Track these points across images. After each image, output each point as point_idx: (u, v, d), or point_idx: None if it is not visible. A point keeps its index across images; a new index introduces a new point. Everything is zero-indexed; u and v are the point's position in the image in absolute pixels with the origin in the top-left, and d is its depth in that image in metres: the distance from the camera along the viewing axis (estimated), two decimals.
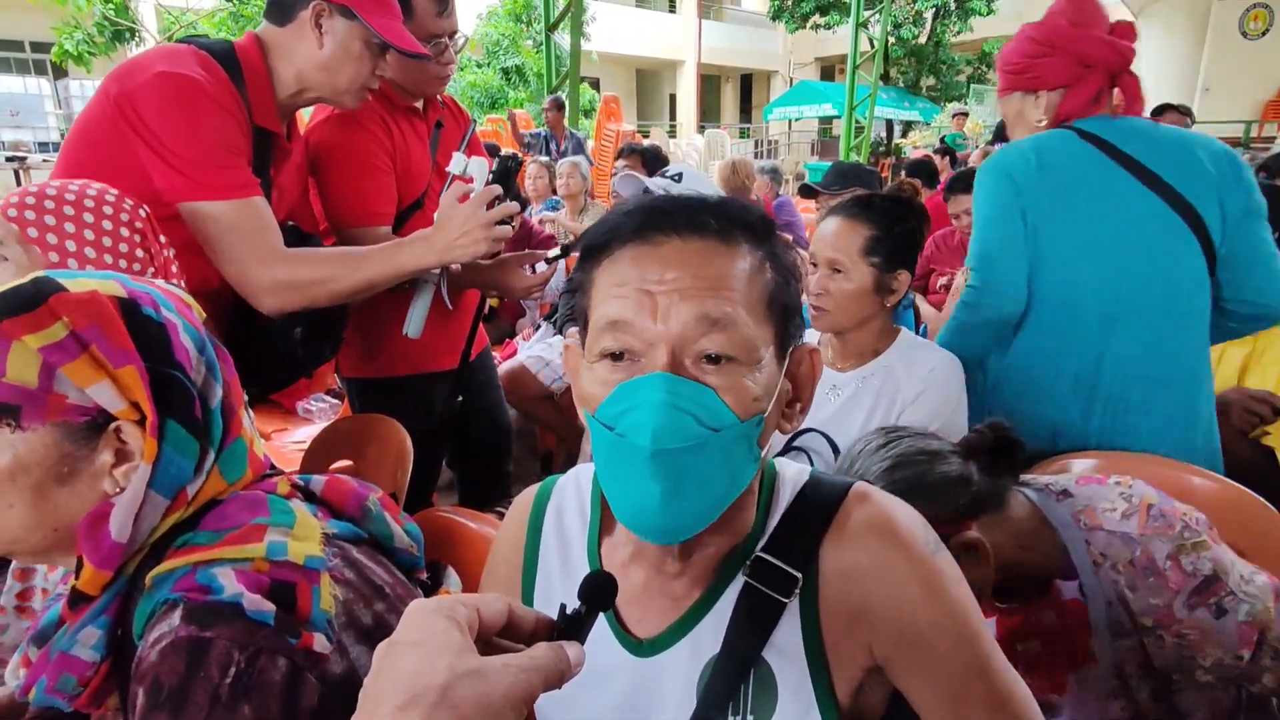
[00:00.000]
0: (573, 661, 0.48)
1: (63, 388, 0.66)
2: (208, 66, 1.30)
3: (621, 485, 0.62)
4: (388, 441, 1.59)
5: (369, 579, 0.77)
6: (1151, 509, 0.98)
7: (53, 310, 0.67)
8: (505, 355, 3.12)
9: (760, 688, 0.65)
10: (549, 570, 0.77)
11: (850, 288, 1.43)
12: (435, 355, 1.82)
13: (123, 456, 0.70)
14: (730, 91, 27.52)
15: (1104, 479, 1.06)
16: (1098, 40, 1.46)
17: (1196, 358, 1.49)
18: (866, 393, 1.46)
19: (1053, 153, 1.48)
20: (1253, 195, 1.45)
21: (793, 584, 0.66)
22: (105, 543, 0.68)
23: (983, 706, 0.64)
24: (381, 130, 1.64)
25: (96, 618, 0.70)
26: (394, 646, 0.46)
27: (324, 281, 1.36)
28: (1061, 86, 1.51)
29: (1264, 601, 0.94)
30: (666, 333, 0.60)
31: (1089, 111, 1.49)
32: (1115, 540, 0.97)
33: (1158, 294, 1.44)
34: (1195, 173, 1.43)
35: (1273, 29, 12.73)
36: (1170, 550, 0.95)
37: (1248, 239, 1.45)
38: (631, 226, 0.64)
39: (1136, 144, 1.44)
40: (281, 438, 2.50)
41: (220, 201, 1.28)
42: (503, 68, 15.38)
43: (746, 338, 0.61)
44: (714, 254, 0.62)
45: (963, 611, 0.65)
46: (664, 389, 0.59)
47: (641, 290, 0.61)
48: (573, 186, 4.63)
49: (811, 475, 0.73)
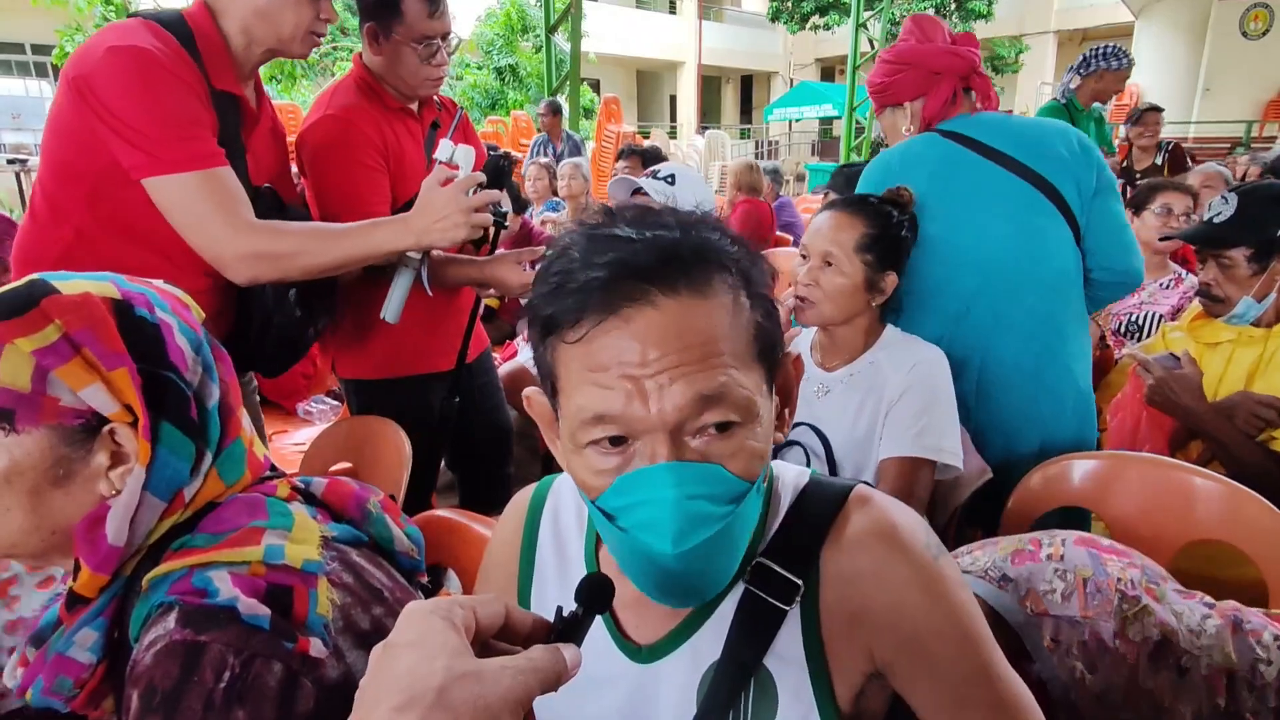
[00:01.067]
0: (570, 664, 0.47)
1: (56, 391, 0.66)
2: (159, 36, 1.27)
3: (639, 572, 0.61)
4: (387, 444, 1.59)
5: (367, 583, 0.76)
6: (1088, 584, 0.96)
7: (45, 313, 0.67)
8: (506, 356, 3.11)
9: (760, 694, 0.65)
10: (545, 572, 0.77)
11: (840, 282, 1.43)
12: (432, 356, 1.82)
13: (118, 459, 0.69)
14: (731, 92, 27.53)
15: (1037, 551, 1.02)
16: (942, 51, 1.67)
17: (1073, 326, 1.63)
18: (853, 389, 1.46)
19: (917, 154, 1.65)
20: (1103, 173, 1.60)
21: (794, 591, 0.65)
22: (102, 546, 0.68)
23: (985, 711, 0.64)
24: (374, 131, 1.63)
25: (93, 620, 0.70)
26: (390, 648, 0.46)
27: (296, 254, 1.33)
28: (920, 96, 1.70)
29: (1221, 649, 0.92)
30: (662, 419, 0.56)
31: (948, 113, 1.67)
32: (1063, 624, 0.94)
33: (1029, 264, 1.56)
34: (1049, 155, 1.57)
35: (1273, 29, 12.73)
36: (1115, 628, 0.92)
37: (1103, 214, 1.59)
38: (594, 300, 0.56)
39: (994, 134, 1.60)
40: (281, 439, 2.50)
41: (183, 174, 1.25)
42: (496, 67, 15.41)
43: (745, 398, 0.58)
44: (692, 314, 0.56)
45: (964, 616, 0.65)
46: (673, 483, 0.56)
47: (625, 377, 0.55)
48: (574, 188, 4.63)
49: (811, 478, 0.72)
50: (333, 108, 1.64)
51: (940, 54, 1.67)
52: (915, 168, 1.63)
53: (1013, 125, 1.64)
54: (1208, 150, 8.96)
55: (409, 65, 1.63)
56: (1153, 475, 1.34)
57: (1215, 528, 1.25)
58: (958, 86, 1.67)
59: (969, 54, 1.67)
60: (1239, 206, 1.61)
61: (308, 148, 1.64)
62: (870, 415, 1.43)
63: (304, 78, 11.45)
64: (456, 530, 1.23)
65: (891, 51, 1.74)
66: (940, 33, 1.71)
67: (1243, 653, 0.92)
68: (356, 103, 1.65)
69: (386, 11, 1.59)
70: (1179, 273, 2.62)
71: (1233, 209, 1.62)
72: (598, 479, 0.59)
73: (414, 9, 1.58)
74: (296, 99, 11.48)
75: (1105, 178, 1.61)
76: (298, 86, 11.73)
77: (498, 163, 1.63)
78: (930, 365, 1.43)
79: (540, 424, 0.69)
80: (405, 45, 1.61)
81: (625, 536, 0.59)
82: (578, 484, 0.62)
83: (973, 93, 1.70)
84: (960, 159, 1.60)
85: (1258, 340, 1.61)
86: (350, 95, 1.66)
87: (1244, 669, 0.91)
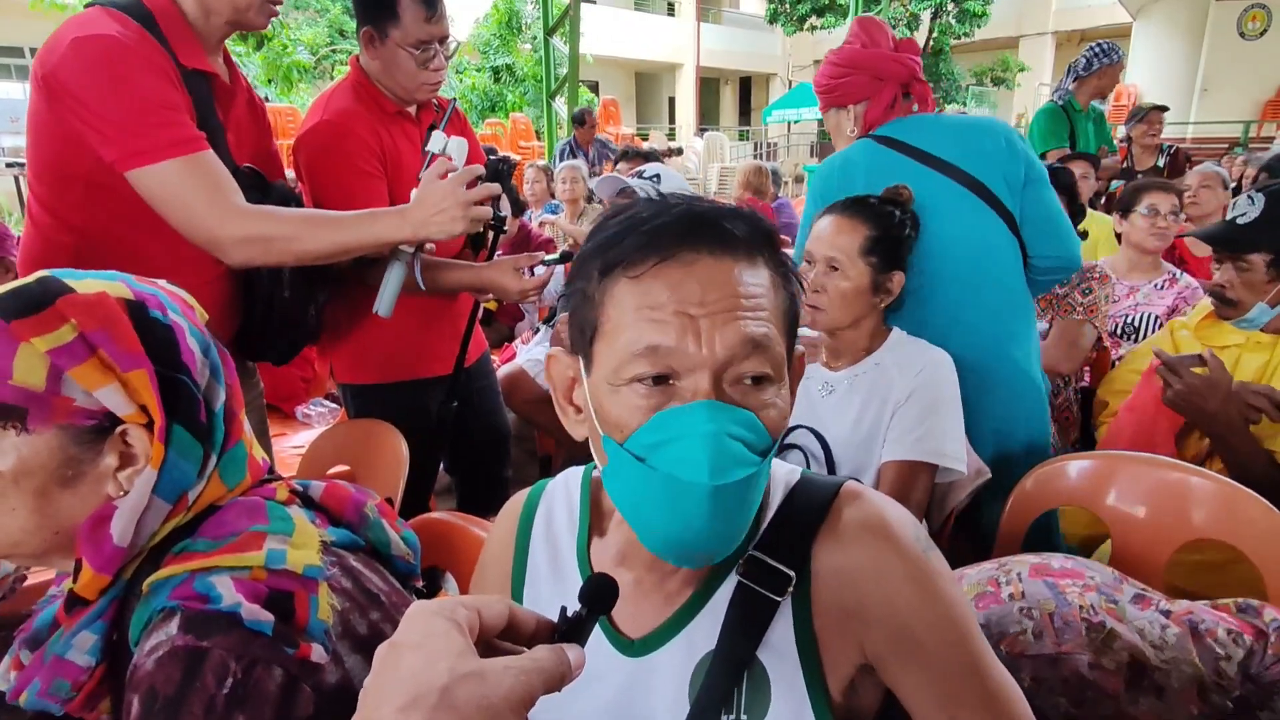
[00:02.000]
0: (573, 664, 0.47)
1: (70, 391, 0.66)
2: (121, 21, 1.23)
3: (660, 518, 0.61)
4: (385, 447, 1.59)
5: (365, 588, 0.76)
6: (1054, 618, 0.97)
7: (60, 312, 0.66)
8: (504, 359, 3.12)
9: (754, 687, 0.65)
10: (537, 573, 0.77)
11: (847, 286, 1.43)
12: (429, 361, 1.82)
13: (126, 460, 0.69)
14: (729, 94, 27.55)
15: (997, 592, 1.02)
16: (886, 57, 1.73)
17: (1021, 318, 1.70)
18: (857, 391, 1.46)
19: (855, 161, 1.73)
20: (1031, 165, 1.67)
21: (786, 582, 0.65)
22: (106, 547, 0.68)
23: (974, 705, 0.64)
24: (370, 135, 1.63)
25: (93, 622, 0.70)
26: (395, 647, 0.46)
27: (291, 238, 1.32)
28: (864, 99, 1.77)
29: (1187, 658, 0.93)
30: (711, 357, 0.58)
31: (888, 117, 1.75)
32: (1041, 663, 0.95)
33: (977, 263, 1.62)
34: (976, 151, 1.65)
35: (1271, 29, 12.75)
36: (1090, 659, 0.93)
37: (1035, 203, 1.66)
38: (660, 241, 0.60)
39: (922, 135, 1.68)
40: (280, 442, 2.50)
41: (165, 162, 1.22)
42: (493, 67, 15.42)
43: (779, 356, 0.62)
44: (745, 271, 0.61)
45: (954, 610, 0.65)
46: (711, 418, 0.57)
47: (681, 313, 0.58)
48: (574, 191, 4.64)
49: (802, 475, 0.73)
50: (328, 113, 1.64)
51: (886, 60, 1.73)
52: (852, 174, 1.69)
53: (942, 125, 1.72)
54: (1206, 150, 8.97)
55: (405, 69, 1.62)
56: (1151, 475, 1.34)
57: (1213, 527, 1.25)
58: (898, 92, 1.74)
59: (910, 61, 1.74)
60: (1265, 208, 1.57)
61: (303, 153, 1.63)
62: (874, 417, 1.43)
63: (302, 80, 11.46)
64: (454, 533, 1.23)
65: (840, 54, 1.80)
66: (885, 38, 1.77)
67: (1205, 658, 0.93)
68: (352, 107, 1.65)
69: (382, 15, 1.59)
70: (1173, 273, 2.63)
71: (1259, 211, 1.57)
72: (634, 416, 0.60)
73: (410, 13, 1.57)
74: (295, 101, 11.49)
75: (1035, 169, 1.67)
76: (296, 89, 11.74)
77: (497, 167, 1.63)
78: (936, 368, 1.44)
79: (555, 388, 0.69)
80: (401, 49, 1.60)
81: (653, 477, 0.59)
82: (609, 426, 0.62)
83: (911, 97, 1.76)
84: (896, 165, 1.66)
85: (1265, 346, 1.60)
86: (346, 100, 1.66)
87: (1210, 674, 0.92)
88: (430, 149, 1.49)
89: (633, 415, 0.60)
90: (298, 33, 12.61)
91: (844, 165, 1.74)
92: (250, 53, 10.48)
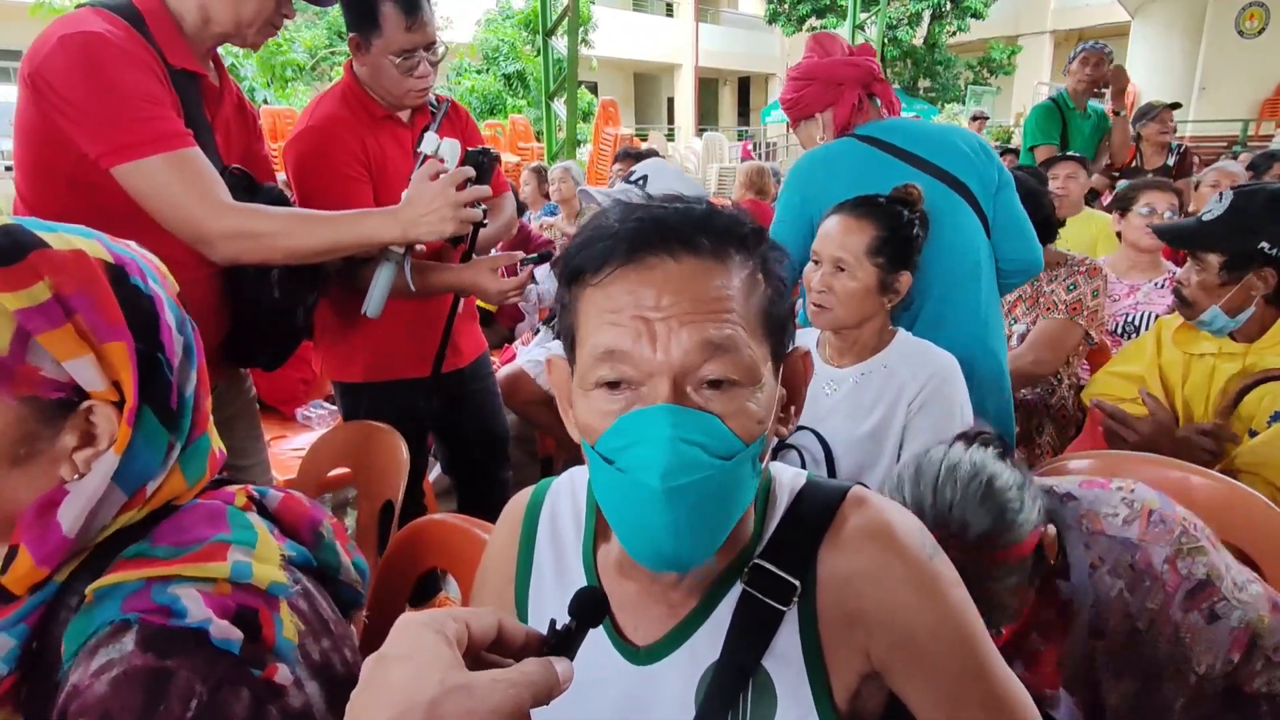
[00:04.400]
0: (562, 678, 0.47)
1: (37, 359, 0.58)
2: (109, 19, 1.23)
3: (630, 521, 0.61)
4: (385, 450, 1.59)
5: (319, 612, 0.70)
6: (1152, 515, 0.99)
7: (34, 267, 0.58)
8: (504, 360, 3.11)
9: (759, 695, 0.65)
10: (542, 577, 0.77)
11: (854, 286, 1.43)
12: (415, 361, 1.81)
13: (86, 440, 0.62)
14: (728, 94, 27.57)
15: (1106, 483, 1.06)
16: (841, 63, 1.82)
17: (995, 314, 1.76)
18: (865, 390, 1.46)
19: (838, 156, 1.77)
20: (1002, 172, 1.76)
21: (791, 592, 0.65)
22: (54, 536, 0.60)
23: (980, 710, 0.64)
24: (355, 140, 1.64)
25: (14, 625, 0.60)
26: (382, 660, 0.46)
27: (278, 234, 1.30)
28: (829, 106, 1.84)
29: (1256, 609, 0.94)
30: (667, 362, 0.58)
31: (857, 119, 1.81)
32: (1115, 545, 0.97)
33: (961, 258, 1.67)
34: (954, 153, 1.72)
35: (1269, 28, 12.75)
36: (1168, 554, 0.95)
37: (1004, 207, 1.75)
38: (621, 248, 0.60)
39: (902, 136, 1.74)
40: (280, 445, 2.49)
41: (151, 157, 1.20)
42: (504, 74, 15.41)
43: (748, 359, 0.59)
44: (709, 273, 0.60)
45: (960, 615, 0.65)
46: (669, 422, 0.57)
47: (637, 317, 0.58)
48: (564, 191, 4.65)
49: (808, 480, 0.73)
50: (314, 118, 1.65)
51: (839, 65, 1.81)
52: (838, 170, 1.74)
53: (919, 129, 1.80)
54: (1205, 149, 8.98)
55: (390, 76, 1.63)
56: (1152, 475, 1.34)
57: (1215, 527, 1.25)
58: (861, 94, 1.82)
59: (866, 63, 1.81)
60: (1229, 208, 1.53)
61: (291, 159, 1.65)
62: (881, 417, 1.43)
63: (298, 80, 11.45)
64: (455, 535, 1.22)
65: (796, 69, 1.89)
66: (838, 47, 1.86)
67: (1274, 629, 0.95)
68: (338, 113, 1.65)
69: (365, 24, 1.59)
70: (1173, 272, 2.62)
71: (1222, 209, 1.54)
72: (601, 420, 0.60)
73: (391, 22, 1.57)
74: (293, 103, 11.49)
75: (1005, 175, 1.76)
76: (293, 90, 11.73)
77: (477, 159, 1.60)
78: (946, 373, 1.44)
79: (558, 393, 0.69)
80: (384, 57, 1.60)
81: (621, 479, 0.59)
82: (582, 429, 0.63)
83: (878, 99, 1.83)
84: (879, 161, 1.71)
85: (1238, 355, 1.57)
86: (333, 105, 1.67)
87: (1269, 641, 0.93)
88: (423, 150, 1.48)
89: (600, 419, 0.60)
90: (296, 34, 12.61)
91: (826, 160, 1.78)
92: (249, 54, 10.47)
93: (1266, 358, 1.53)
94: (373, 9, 1.56)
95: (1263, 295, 1.51)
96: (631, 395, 0.60)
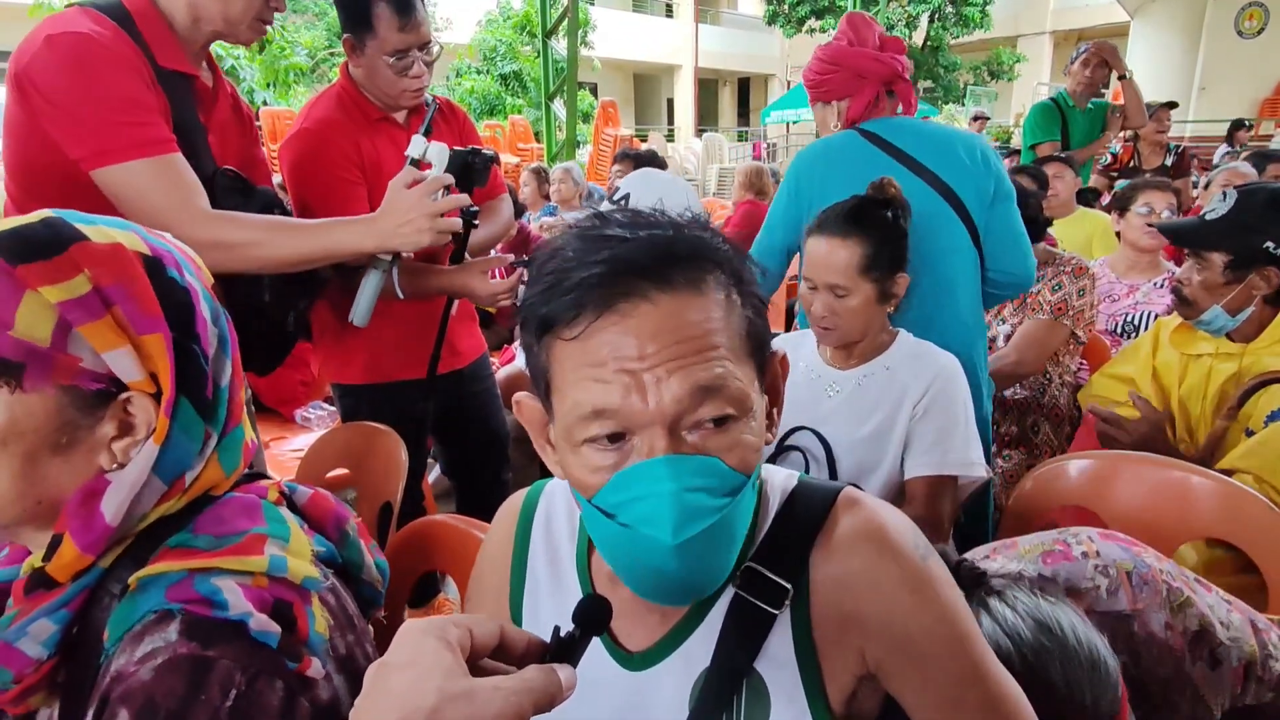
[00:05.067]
0: (564, 685, 0.47)
1: (78, 349, 0.60)
2: (97, 20, 1.21)
3: (639, 571, 0.61)
4: (383, 451, 1.59)
5: (344, 607, 0.73)
6: (1132, 577, 0.96)
7: (74, 260, 0.60)
8: (503, 361, 3.11)
9: (753, 698, 0.65)
10: (537, 581, 0.76)
11: (855, 304, 1.41)
12: (412, 363, 1.80)
13: (124, 430, 0.63)
14: (728, 95, 27.58)
15: (1068, 549, 1.01)
16: (869, 56, 1.78)
17: (980, 323, 1.78)
18: (866, 392, 1.46)
19: (838, 150, 1.79)
20: (1001, 182, 1.74)
21: (783, 595, 0.65)
22: (97, 524, 0.62)
23: (976, 711, 0.64)
24: (349, 143, 1.63)
25: (55, 610, 0.62)
26: (384, 667, 0.46)
27: (253, 245, 1.28)
28: (847, 96, 1.82)
29: (1247, 641, 0.93)
30: (660, 411, 0.56)
31: (870, 114, 1.80)
32: (1109, 619, 0.94)
33: (938, 259, 1.67)
34: (953, 161, 1.70)
35: (1268, 27, 12.76)
36: (1166, 618, 0.93)
37: (1000, 219, 1.72)
38: (592, 297, 0.56)
39: (905, 138, 1.73)
40: (279, 446, 2.49)
41: (130, 162, 1.19)
42: (500, 74, 15.43)
43: (739, 391, 0.58)
44: (687, 308, 0.57)
45: (954, 617, 0.65)
46: (670, 475, 0.56)
47: (622, 371, 0.56)
48: (565, 191, 4.66)
49: (799, 481, 0.72)
50: (309, 121, 1.65)
51: (867, 59, 1.78)
52: (836, 165, 1.76)
53: (924, 131, 1.79)
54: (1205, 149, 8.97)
55: (384, 77, 1.62)
56: (1152, 475, 1.34)
57: (1214, 527, 1.25)
58: (881, 91, 1.79)
59: (893, 61, 1.78)
60: (1233, 207, 1.53)
61: (285, 161, 1.64)
62: (884, 420, 1.43)
63: (299, 83, 11.45)
64: (455, 536, 1.22)
65: (826, 50, 1.85)
66: (872, 35, 1.80)
67: (1260, 646, 0.94)
68: (332, 115, 1.65)
69: (359, 24, 1.58)
70: (1172, 272, 2.61)
71: (1227, 208, 1.53)
72: (595, 476, 0.59)
73: (384, 22, 1.56)
74: (293, 104, 11.49)
75: (1004, 186, 1.74)
76: (294, 92, 11.73)
77: (466, 160, 1.57)
78: (950, 375, 1.43)
79: (530, 429, 0.68)
80: (379, 58, 1.60)
81: (625, 533, 0.58)
82: (573, 483, 0.62)
83: (895, 97, 1.81)
84: (876, 161, 1.72)
85: (1235, 356, 1.56)
86: (328, 108, 1.67)
87: (1260, 662, 0.93)
88: (410, 154, 1.46)
89: (594, 475, 0.59)
90: (296, 36, 12.62)
91: (826, 153, 1.79)
92: (253, 56, 10.46)
93: (1263, 358, 1.52)
94: (366, 10, 1.56)
95: (1262, 295, 1.51)
96: (625, 446, 0.58)
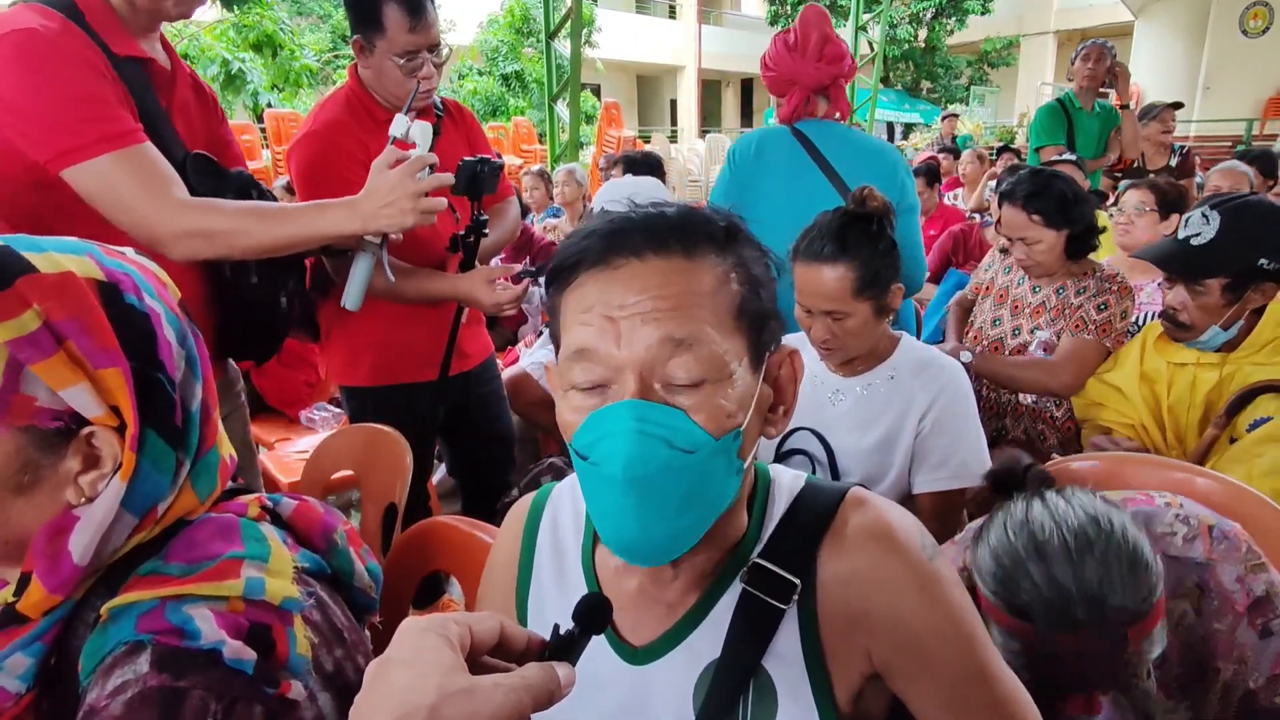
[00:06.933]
0: (563, 683, 0.48)
1: (32, 388, 0.57)
2: (44, 14, 1.18)
3: (602, 511, 0.63)
4: (389, 452, 1.59)
5: (332, 621, 0.70)
6: (1213, 531, 0.95)
7: (21, 295, 0.57)
8: (507, 362, 3.12)
9: (760, 695, 0.65)
10: (542, 578, 0.77)
11: (855, 324, 1.40)
12: (420, 366, 1.81)
13: (90, 463, 0.61)
14: (731, 96, 27.55)
15: (1152, 498, 1.01)
16: (802, 65, 1.93)
17: None
18: (872, 400, 1.46)
19: (772, 144, 1.96)
20: (905, 195, 1.90)
21: (791, 590, 0.65)
22: (65, 565, 0.60)
23: (983, 710, 0.64)
24: (356, 145, 1.63)
25: (30, 644, 0.61)
26: (384, 664, 0.46)
27: (234, 232, 1.25)
28: (780, 96, 2.01)
29: None
30: (631, 358, 0.59)
31: (802, 115, 1.95)
32: (1176, 565, 0.93)
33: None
34: (866, 172, 1.84)
35: (1273, 27, 12.71)
36: (1239, 573, 0.92)
37: (899, 230, 1.72)
38: (594, 250, 0.63)
39: (830, 143, 1.89)
40: (284, 447, 2.51)
41: (98, 158, 1.15)
42: (502, 74, 15.44)
43: (715, 355, 0.60)
44: (676, 272, 0.61)
45: (960, 616, 0.65)
46: (632, 416, 0.59)
47: (604, 316, 0.60)
48: (568, 194, 4.65)
49: (807, 481, 0.73)
50: (316, 124, 1.65)
51: (799, 66, 1.92)
52: (766, 161, 1.92)
53: (847, 139, 1.94)
54: (1209, 149, 8.96)
55: (394, 78, 1.62)
56: (1155, 476, 1.34)
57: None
58: (811, 95, 1.94)
59: (824, 70, 1.91)
60: (1222, 228, 1.47)
61: (293, 165, 1.65)
62: (888, 430, 1.43)
63: (306, 86, 11.47)
64: (459, 538, 1.23)
65: (772, 45, 2.01)
66: (812, 46, 1.93)
67: None
68: (340, 118, 1.66)
69: (368, 25, 1.59)
70: None
71: (1214, 232, 1.48)
72: (575, 416, 0.62)
73: (394, 23, 1.57)
74: (298, 107, 11.51)
75: (906, 200, 1.88)
76: (300, 95, 11.76)
77: (475, 169, 1.56)
78: (956, 386, 1.43)
79: (554, 394, 0.70)
80: (388, 59, 1.60)
81: (593, 471, 0.61)
82: (562, 428, 0.65)
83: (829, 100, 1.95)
84: (800, 163, 1.88)
85: (1216, 365, 1.55)
86: (336, 110, 1.67)
87: None
88: (393, 133, 1.43)
89: (575, 416, 0.63)
90: (301, 38, 12.65)
91: (761, 145, 1.94)
92: (269, 61, 10.46)
93: (1244, 367, 1.52)
94: (376, 10, 1.56)
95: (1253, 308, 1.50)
96: (605, 394, 0.62)
